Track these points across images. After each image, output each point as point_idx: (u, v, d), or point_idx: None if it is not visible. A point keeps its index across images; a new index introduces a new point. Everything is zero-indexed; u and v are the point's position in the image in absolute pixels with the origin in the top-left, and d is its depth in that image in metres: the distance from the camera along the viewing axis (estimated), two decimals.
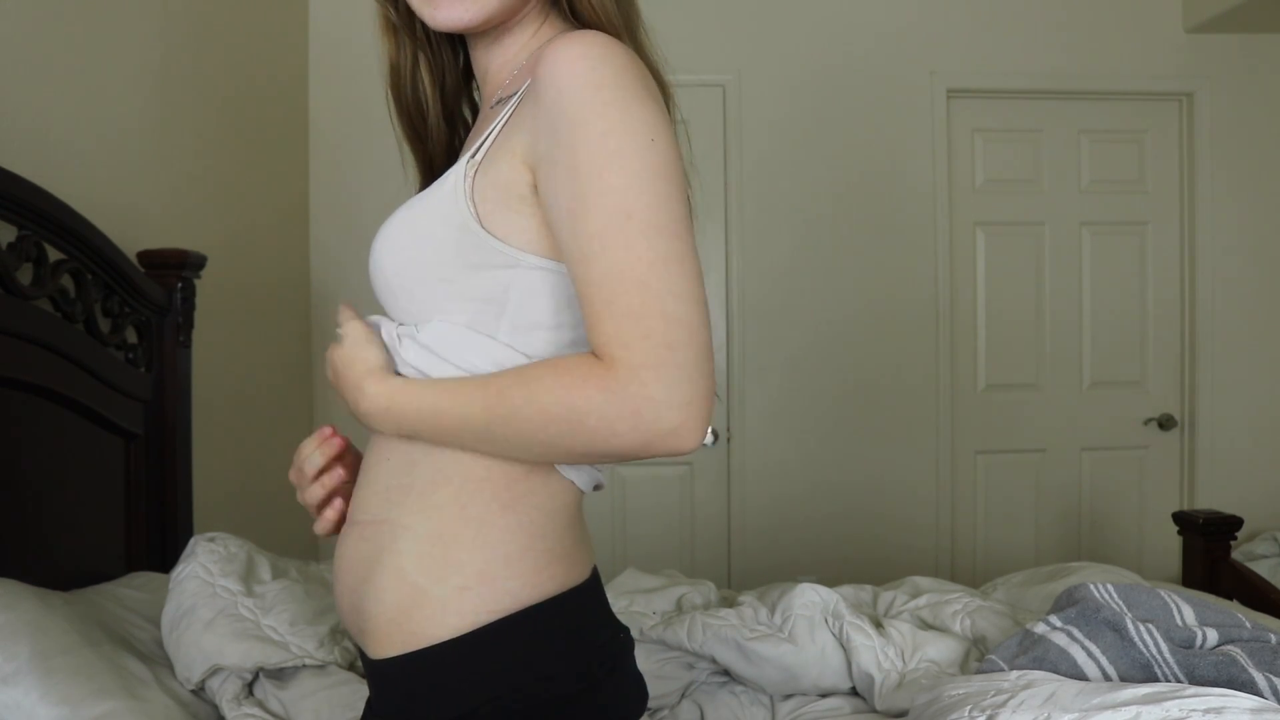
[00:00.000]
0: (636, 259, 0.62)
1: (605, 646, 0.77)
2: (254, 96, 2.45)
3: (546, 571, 0.73)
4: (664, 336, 0.61)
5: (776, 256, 2.94)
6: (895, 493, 2.99)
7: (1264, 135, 3.06)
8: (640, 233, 0.63)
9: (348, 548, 0.79)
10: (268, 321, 2.50)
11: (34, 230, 1.47)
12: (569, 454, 0.67)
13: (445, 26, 0.77)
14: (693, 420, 0.62)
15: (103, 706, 1.14)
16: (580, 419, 0.63)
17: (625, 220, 0.63)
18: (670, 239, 0.64)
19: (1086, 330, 3.09)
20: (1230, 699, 1.02)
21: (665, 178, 0.65)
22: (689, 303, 0.63)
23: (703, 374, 0.62)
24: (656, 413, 0.61)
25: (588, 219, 0.64)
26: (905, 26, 2.96)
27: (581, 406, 0.63)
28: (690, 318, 0.63)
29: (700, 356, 0.62)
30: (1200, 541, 2.04)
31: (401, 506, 0.74)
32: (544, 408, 0.64)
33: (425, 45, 0.88)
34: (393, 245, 0.75)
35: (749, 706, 1.51)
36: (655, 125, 0.66)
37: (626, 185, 0.63)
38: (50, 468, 1.53)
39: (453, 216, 0.71)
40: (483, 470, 0.72)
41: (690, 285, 0.64)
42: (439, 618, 0.70)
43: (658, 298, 0.62)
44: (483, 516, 0.72)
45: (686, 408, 0.61)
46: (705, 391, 0.62)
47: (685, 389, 0.61)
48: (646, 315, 0.62)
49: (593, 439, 0.63)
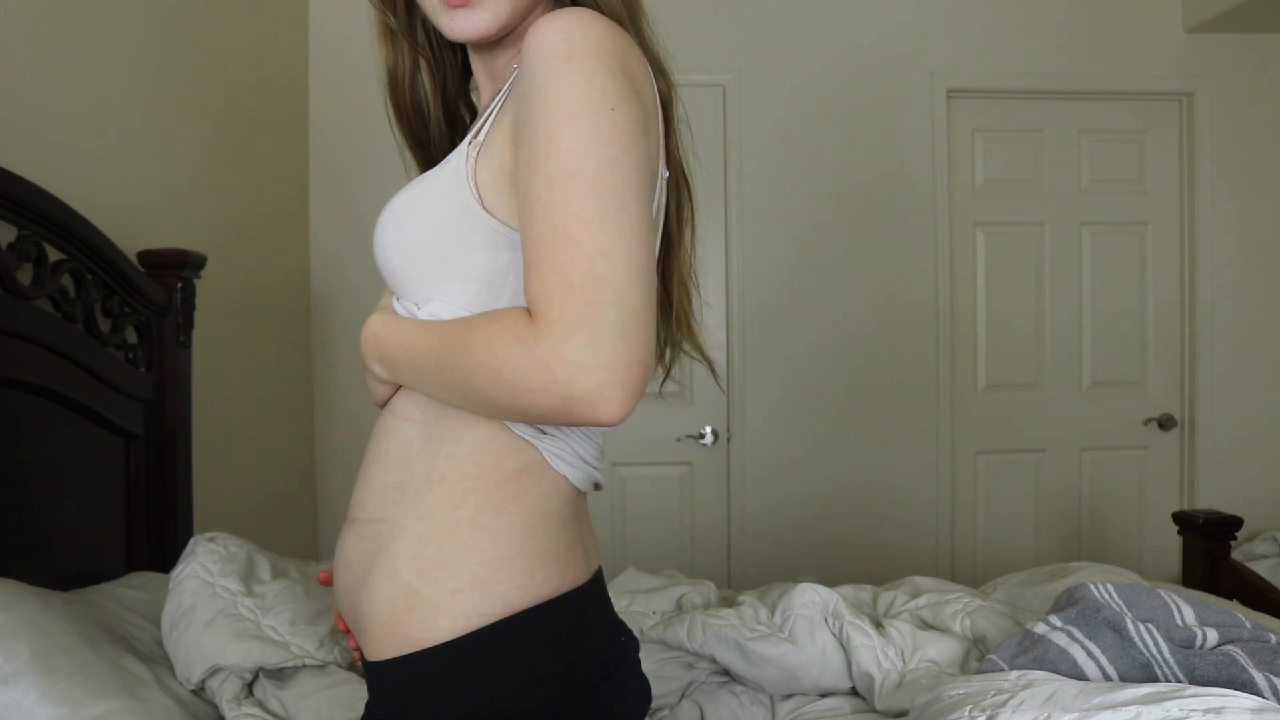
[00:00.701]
0: (572, 216, 0.60)
1: (602, 651, 0.76)
2: (254, 96, 2.45)
3: (540, 575, 0.72)
4: (585, 294, 0.59)
5: (776, 256, 2.94)
6: (895, 493, 2.99)
7: (1264, 135, 3.06)
8: (580, 191, 0.61)
9: (347, 546, 0.80)
10: (268, 321, 2.50)
11: (34, 230, 1.47)
12: (494, 407, 0.64)
13: (462, 36, 0.77)
14: (610, 387, 0.58)
15: (103, 706, 1.14)
16: (499, 369, 0.61)
17: (568, 179, 0.61)
18: (613, 200, 0.61)
19: (1086, 330, 3.09)
20: (1230, 699, 1.02)
21: (620, 145, 0.63)
22: (622, 264, 0.60)
23: (627, 338, 0.59)
24: (569, 373, 0.58)
25: (535, 180, 0.63)
26: (905, 26, 2.96)
27: (500, 356, 0.61)
28: (619, 279, 0.60)
29: (625, 319, 0.59)
30: (1200, 541, 2.04)
31: (398, 505, 0.75)
32: (474, 354, 0.64)
33: (427, 49, 0.88)
34: (395, 225, 0.76)
35: (749, 706, 1.51)
36: (618, 97, 0.64)
37: (574, 147, 0.62)
38: (50, 468, 1.53)
39: (454, 197, 0.72)
40: (475, 468, 0.72)
41: (627, 247, 0.61)
42: (431, 620, 0.70)
43: (587, 256, 0.60)
44: (475, 518, 0.72)
45: (602, 370, 0.58)
46: (628, 357, 0.59)
47: (603, 351, 0.58)
48: (571, 271, 0.59)
49: (511, 393, 0.61)
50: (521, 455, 0.73)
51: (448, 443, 0.74)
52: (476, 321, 0.66)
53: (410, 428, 0.77)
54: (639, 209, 0.63)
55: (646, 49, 0.77)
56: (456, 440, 0.73)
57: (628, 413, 0.60)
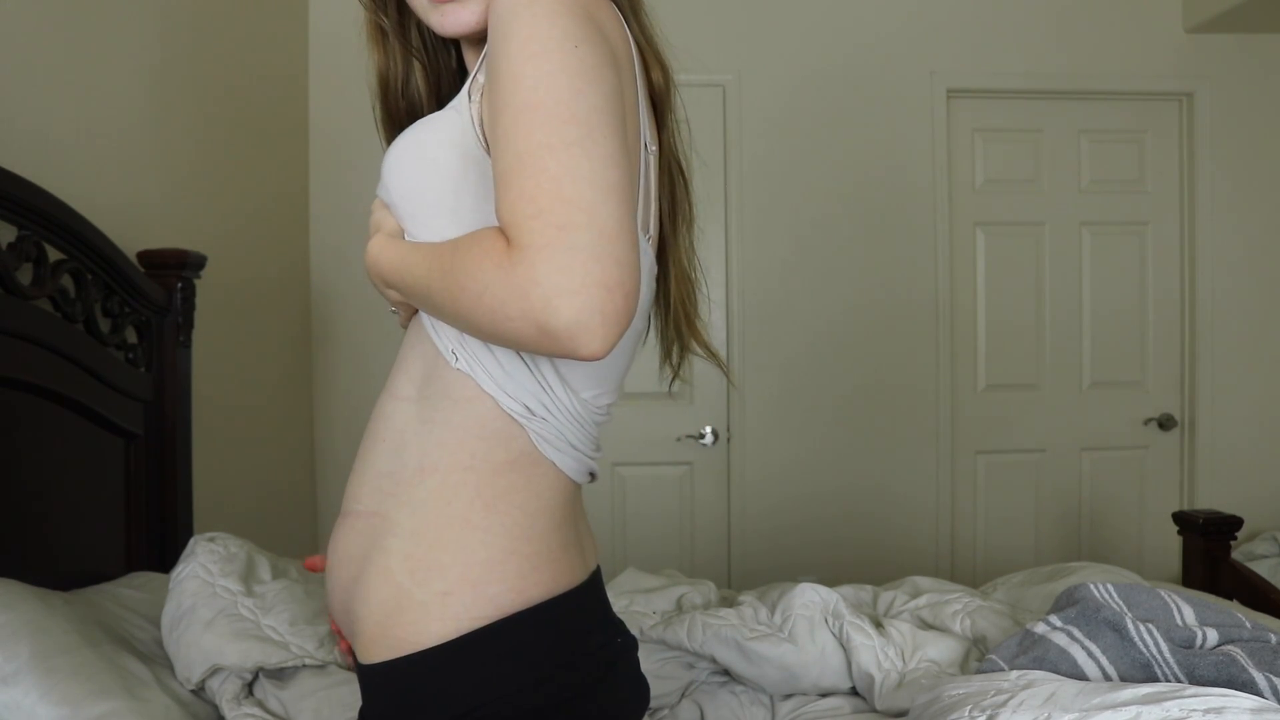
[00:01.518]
0: (537, 144, 0.59)
1: (596, 653, 0.75)
2: (254, 96, 2.45)
3: (532, 577, 0.71)
4: (556, 217, 0.57)
5: (776, 256, 2.94)
6: (895, 493, 2.99)
7: (1264, 135, 3.06)
8: (544, 121, 0.60)
9: (341, 541, 0.79)
10: (268, 321, 2.50)
11: (34, 230, 1.47)
12: (480, 330, 0.63)
13: (452, 31, 0.77)
14: (588, 314, 0.56)
15: (103, 706, 1.14)
16: (480, 293, 0.60)
17: (531, 111, 0.60)
18: (576, 126, 0.60)
19: (1086, 330, 3.09)
20: (1230, 699, 1.02)
21: (585, 77, 0.62)
22: (592, 187, 0.58)
23: (601, 260, 0.56)
24: (545, 299, 0.56)
25: (502, 117, 0.62)
26: (905, 26, 2.96)
27: (480, 280, 0.60)
28: (588, 200, 0.58)
29: (599, 240, 0.57)
30: (1200, 541, 2.04)
31: (391, 498, 0.74)
32: (458, 277, 0.62)
33: (421, 50, 0.88)
34: (400, 167, 0.75)
35: (749, 706, 1.51)
36: (581, 36, 0.63)
37: (536, 83, 0.61)
38: (50, 468, 1.53)
39: (459, 142, 0.72)
40: (467, 458, 0.72)
41: (595, 169, 0.59)
42: (422, 623, 0.69)
43: (554, 180, 0.58)
44: (466, 516, 0.71)
45: (578, 295, 0.56)
46: (605, 280, 0.56)
47: (578, 274, 0.56)
48: (540, 195, 0.58)
49: (492, 319, 0.59)
50: (512, 445, 0.72)
51: (439, 425, 0.73)
52: (461, 244, 0.64)
53: (407, 408, 0.76)
54: (607, 134, 0.61)
55: (646, 40, 0.77)
56: (447, 424, 0.73)
57: (610, 344, 0.57)
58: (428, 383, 0.75)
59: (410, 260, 0.70)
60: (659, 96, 0.78)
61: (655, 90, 0.78)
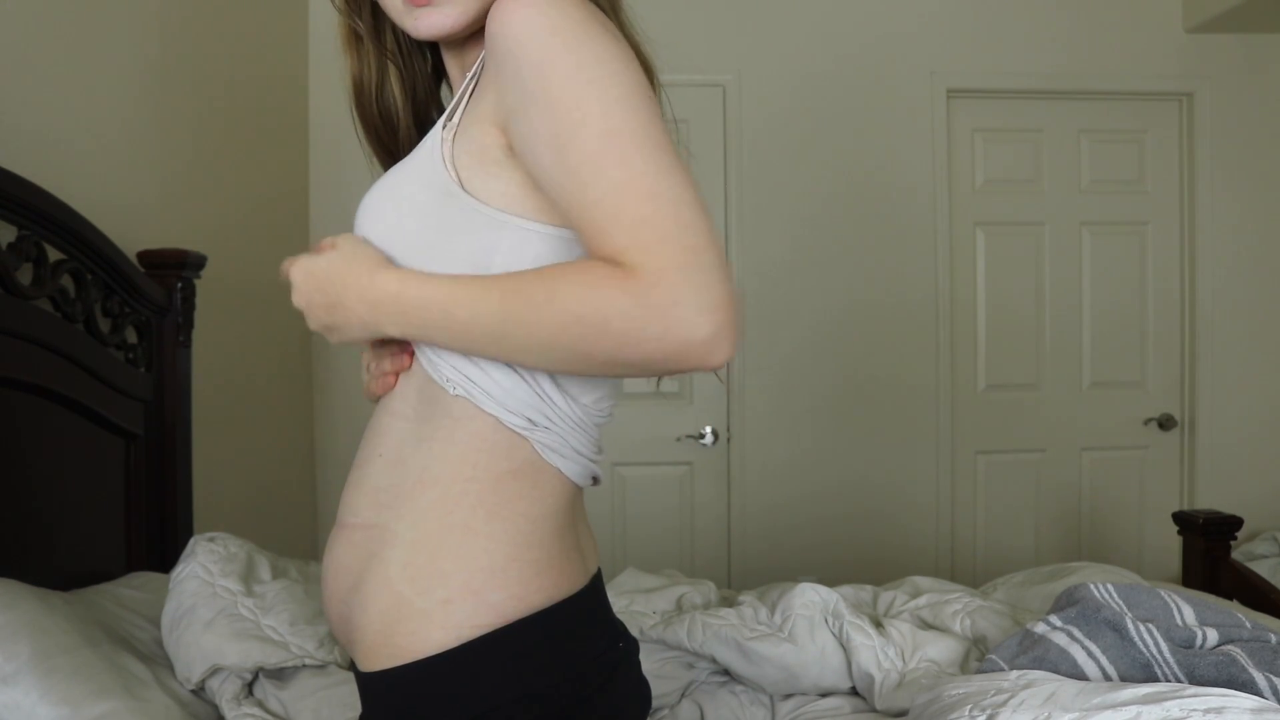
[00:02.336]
0: (638, 172, 0.61)
1: (599, 659, 0.75)
2: (254, 95, 2.45)
3: (534, 583, 0.71)
4: (683, 240, 0.59)
5: (776, 256, 2.94)
6: (895, 493, 2.99)
7: (1264, 135, 3.06)
8: (634, 148, 0.61)
9: (337, 553, 0.78)
10: (268, 321, 2.50)
11: (34, 230, 1.47)
12: (588, 361, 0.62)
13: (428, 35, 0.76)
14: (725, 328, 0.59)
15: (103, 706, 1.14)
16: (605, 321, 0.59)
17: (614, 138, 0.61)
18: (664, 152, 0.62)
19: (1086, 330, 3.09)
20: (1230, 699, 1.02)
21: (643, 97, 0.64)
22: (699, 212, 0.61)
23: (725, 281, 0.59)
24: (686, 317, 0.58)
25: (575, 149, 0.62)
26: (905, 26, 2.96)
27: (606, 308, 0.59)
28: (702, 225, 0.60)
29: (720, 262, 0.60)
30: (1200, 541, 2.04)
31: (390, 510, 0.73)
32: (566, 307, 0.60)
33: (396, 55, 0.87)
34: (374, 215, 0.74)
35: (749, 706, 1.51)
36: (621, 56, 0.65)
37: (607, 109, 0.62)
38: (50, 468, 1.53)
39: (434, 181, 0.71)
40: (468, 469, 0.71)
41: (693, 192, 0.61)
42: (424, 632, 0.69)
43: (670, 203, 0.60)
44: (467, 523, 0.70)
45: (716, 312, 0.58)
46: (729, 298, 0.59)
47: (714, 292, 0.59)
48: (660, 221, 0.59)
49: (619, 344, 0.60)
50: (515, 454, 0.72)
51: (439, 442, 0.72)
52: (553, 274, 0.63)
53: (404, 427, 0.75)
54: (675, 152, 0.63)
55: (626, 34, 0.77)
56: (449, 440, 0.72)
57: (735, 351, 0.60)
58: (424, 403, 0.74)
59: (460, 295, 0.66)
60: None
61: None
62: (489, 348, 0.66)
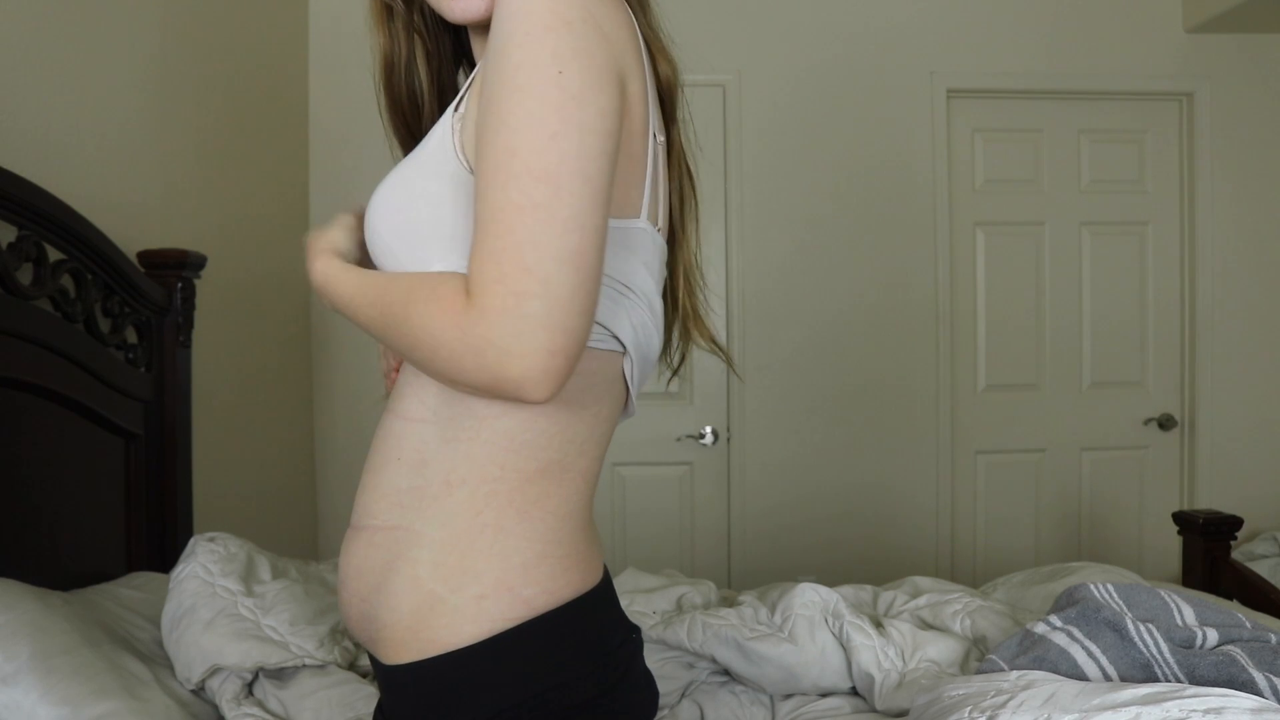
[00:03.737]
0: (508, 202, 0.61)
1: (618, 650, 0.76)
2: (254, 95, 2.45)
3: (563, 578, 0.72)
4: (515, 284, 0.60)
5: (776, 256, 2.94)
6: (895, 493, 2.99)
7: (1264, 135, 3.06)
8: (516, 174, 0.61)
9: (355, 554, 0.78)
10: (268, 321, 2.50)
11: (34, 230, 1.47)
12: (435, 375, 0.67)
13: (461, 18, 0.77)
14: (535, 373, 0.60)
15: (103, 706, 1.14)
16: (435, 348, 0.63)
17: (510, 158, 0.62)
18: (548, 186, 0.61)
19: (1086, 330, 3.09)
20: (1230, 699, 1.02)
21: (561, 114, 0.62)
22: (552, 257, 0.60)
23: (550, 329, 0.60)
24: (499, 359, 0.60)
25: (484, 156, 0.63)
26: (905, 26, 2.96)
27: (437, 337, 0.63)
28: (548, 272, 0.60)
29: (551, 310, 0.60)
30: (1200, 541, 2.04)
31: (415, 511, 0.73)
32: (412, 330, 0.65)
33: (426, 34, 0.87)
34: (387, 207, 0.74)
35: (749, 706, 1.51)
36: (569, 54, 0.63)
37: (519, 123, 0.62)
38: (50, 468, 1.53)
39: (445, 169, 0.71)
40: (496, 470, 0.71)
41: (556, 235, 0.61)
42: (456, 625, 0.70)
43: (518, 245, 0.60)
44: (499, 523, 0.71)
45: (526, 359, 0.60)
46: (551, 346, 0.60)
47: (528, 341, 0.60)
48: (504, 260, 0.60)
49: (447, 370, 0.64)
50: (542, 455, 0.72)
51: (465, 443, 0.72)
52: (416, 292, 0.66)
53: (424, 429, 0.75)
54: (576, 185, 0.62)
55: (654, 35, 0.77)
56: (474, 439, 0.72)
57: (552, 394, 0.62)
58: (445, 404, 0.74)
59: (359, 299, 0.71)
60: (666, 92, 0.78)
61: (663, 85, 0.77)
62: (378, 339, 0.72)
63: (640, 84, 0.72)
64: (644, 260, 0.74)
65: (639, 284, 0.74)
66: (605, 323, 0.72)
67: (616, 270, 0.71)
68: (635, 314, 0.74)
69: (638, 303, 0.74)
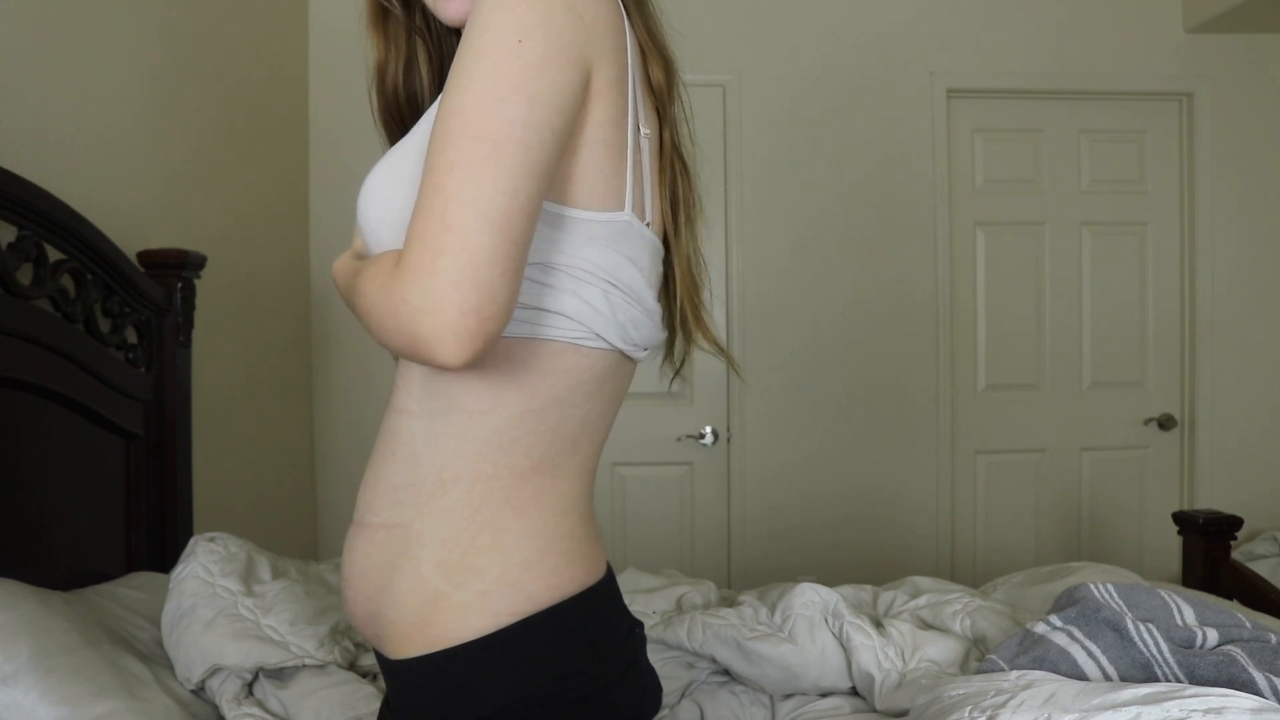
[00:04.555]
0: (444, 161, 0.61)
1: (621, 644, 0.76)
2: (254, 95, 2.45)
3: (567, 573, 0.73)
4: (433, 242, 0.60)
5: (776, 256, 2.94)
6: (895, 493, 2.99)
7: (1264, 135, 3.06)
8: (457, 133, 0.62)
9: (359, 553, 0.78)
10: (268, 320, 2.50)
11: (34, 230, 1.47)
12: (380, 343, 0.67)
13: (457, 19, 0.77)
14: (443, 331, 0.59)
15: (103, 706, 1.14)
16: (369, 311, 0.65)
17: (454, 117, 0.62)
18: (484, 144, 0.61)
19: (1086, 330, 3.09)
20: (1230, 699, 1.02)
21: (513, 81, 0.62)
22: (475, 214, 0.60)
23: (460, 286, 0.59)
24: (411, 317, 0.60)
25: (438, 117, 0.64)
26: (905, 26, 2.96)
27: (369, 299, 0.65)
28: (467, 229, 0.60)
29: (463, 266, 0.59)
30: (1200, 541, 2.04)
31: (413, 509, 0.73)
32: (359, 298, 0.68)
33: (428, 37, 0.87)
34: (374, 194, 0.74)
35: (749, 706, 1.51)
36: (533, 24, 0.63)
37: (470, 84, 0.62)
38: (50, 468, 1.53)
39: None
40: (489, 467, 0.72)
41: (483, 194, 0.60)
42: (462, 620, 0.70)
43: (444, 203, 0.61)
44: (496, 521, 0.71)
45: (434, 316, 0.59)
46: (462, 305, 0.59)
47: (436, 298, 0.59)
48: (429, 217, 0.61)
49: (379, 333, 0.65)
50: (534, 452, 0.72)
51: (453, 438, 0.72)
52: (369, 264, 0.69)
53: (412, 422, 0.75)
54: (513, 150, 0.62)
55: (649, 35, 0.76)
56: (462, 436, 0.72)
57: (468, 359, 0.61)
58: (430, 397, 0.74)
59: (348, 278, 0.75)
60: (659, 93, 0.77)
61: (655, 87, 0.77)
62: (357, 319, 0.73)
63: (617, 74, 0.71)
64: (630, 256, 0.73)
65: (626, 279, 0.73)
66: (587, 321, 0.71)
67: (601, 266, 0.71)
68: (623, 310, 0.73)
69: (625, 298, 0.73)
